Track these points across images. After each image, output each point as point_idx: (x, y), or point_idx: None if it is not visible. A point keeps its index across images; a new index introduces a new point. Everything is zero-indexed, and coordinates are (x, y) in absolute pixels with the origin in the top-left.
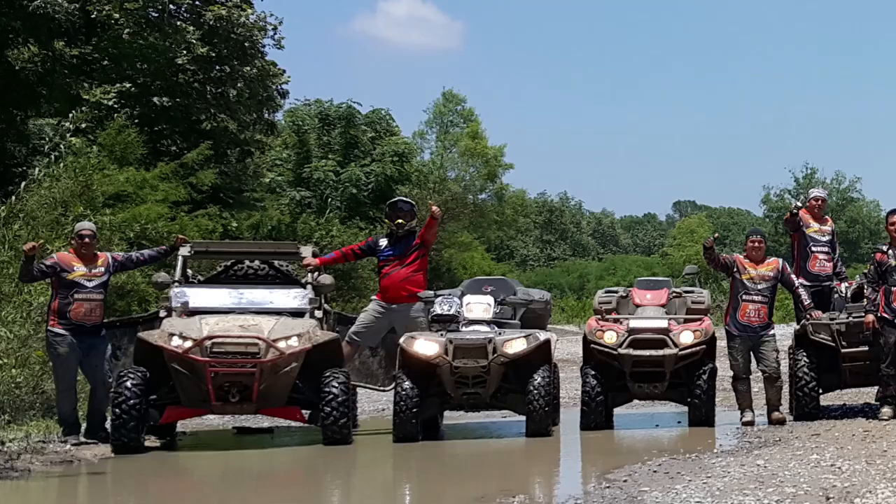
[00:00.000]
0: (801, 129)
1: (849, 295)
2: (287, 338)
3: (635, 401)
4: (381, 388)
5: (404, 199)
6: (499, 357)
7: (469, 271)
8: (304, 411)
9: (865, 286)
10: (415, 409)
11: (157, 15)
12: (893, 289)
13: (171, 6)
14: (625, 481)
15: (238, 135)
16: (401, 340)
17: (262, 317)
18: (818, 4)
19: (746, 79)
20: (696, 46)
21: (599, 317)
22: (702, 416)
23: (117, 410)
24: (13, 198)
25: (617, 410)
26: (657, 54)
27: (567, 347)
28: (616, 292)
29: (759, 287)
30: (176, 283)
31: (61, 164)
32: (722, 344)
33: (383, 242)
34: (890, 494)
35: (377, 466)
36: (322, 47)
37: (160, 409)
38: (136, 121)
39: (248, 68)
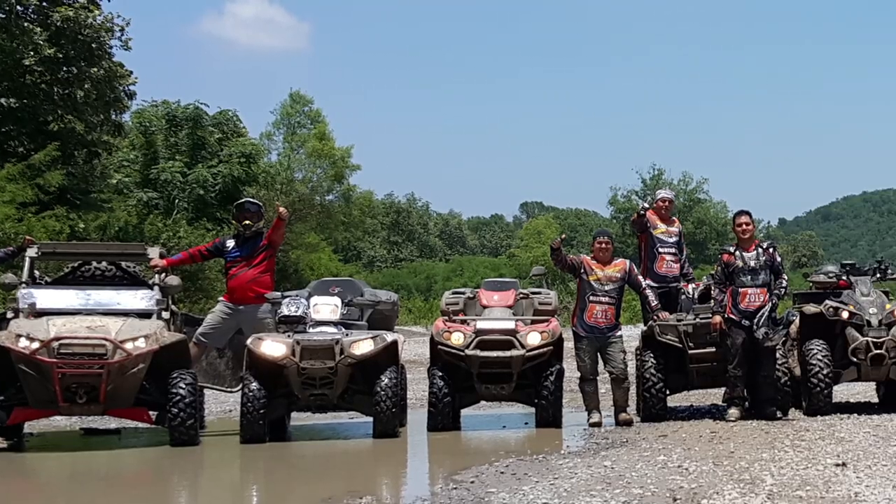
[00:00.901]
0: (648, 130)
1: (696, 296)
2: (134, 339)
3: (482, 402)
4: (229, 390)
5: (251, 200)
6: (346, 358)
7: (316, 272)
8: (151, 412)
9: (712, 287)
10: (262, 410)
11: (3, 16)
12: (740, 290)
13: (17, 7)
14: (472, 482)
15: (85, 136)
16: (248, 342)
17: (110, 318)
18: (664, 5)
19: (594, 80)
20: (543, 48)
21: (446, 318)
22: (549, 418)
23: None
24: None
25: (464, 411)
26: (505, 56)
27: (414, 348)
28: (463, 293)
29: (606, 288)
30: (23, 285)
31: None
32: (569, 345)
33: (230, 243)
34: (737, 496)
35: (224, 467)
36: (170, 48)
37: (7, 411)
38: None
39: (96, 69)
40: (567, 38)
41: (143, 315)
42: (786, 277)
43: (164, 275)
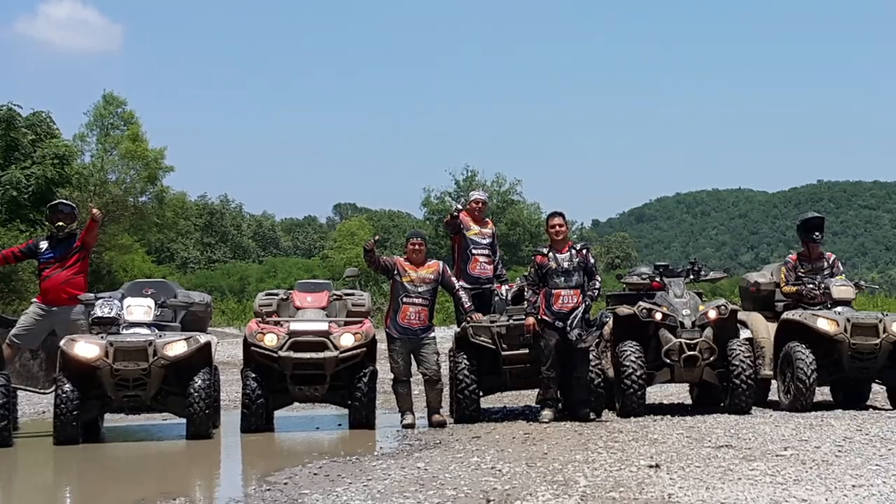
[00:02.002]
0: (462, 131)
1: (509, 297)
2: None
3: (296, 403)
4: (42, 391)
5: (65, 201)
6: (159, 359)
7: (130, 274)
8: None
9: (526, 289)
10: (75, 412)
11: None
12: (554, 291)
13: None
14: (285, 483)
15: None
16: (61, 343)
17: None
18: (475, 4)
19: (407, 81)
20: (355, 49)
21: (260, 319)
22: (362, 419)
23: None
24: None
25: (278, 413)
26: (316, 56)
27: (228, 350)
28: (276, 295)
29: (420, 289)
30: None
31: None
32: (383, 346)
33: (44, 245)
34: (550, 497)
35: (38, 469)
36: None
37: None
38: None
39: None
40: (379, 39)
41: None
42: (599, 279)
43: None
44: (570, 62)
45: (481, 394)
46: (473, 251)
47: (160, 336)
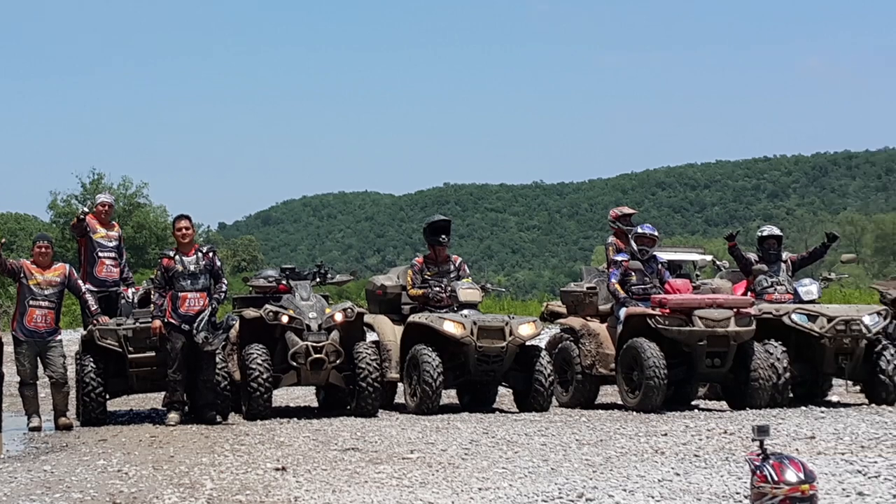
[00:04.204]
0: (89, 134)
1: (136, 300)
2: None
3: None
4: None
5: None
6: None
7: None
8: None
9: (153, 291)
10: None
11: None
12: (181, 294)
13: None
14: None
15: None
16: None
17: None
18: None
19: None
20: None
21: None
22: None
23: None
24: None
25: None
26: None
27: None
28: None
29: (46, 292)
30: None
31: None
32: (9, 349)
33: None
34: (177, 500)
35: None
36: None
37: None
38: None
39: None
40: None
41: None
42: (226, 281)
43: None
44: (190, 65)
45: (108, 396)
46: (100, 254)
47: None
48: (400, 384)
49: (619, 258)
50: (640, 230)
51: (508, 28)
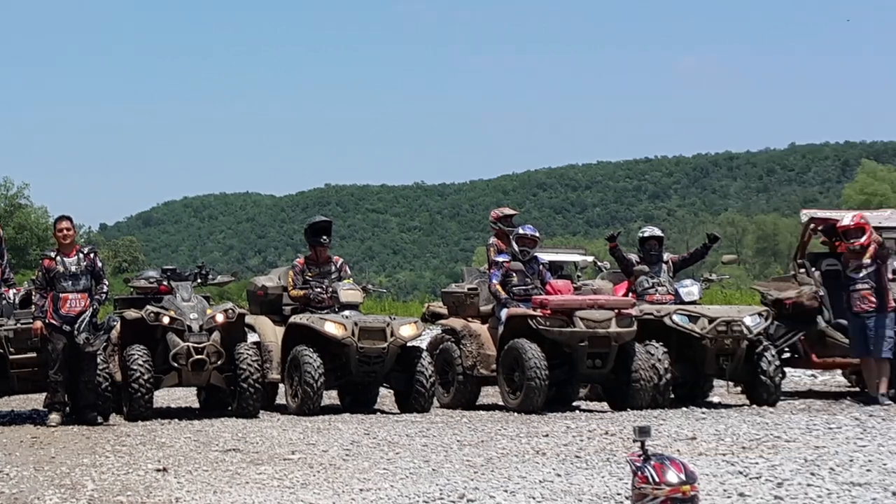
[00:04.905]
0: None
1: (17, 301)
2: None
3: None
4: None
5: None
6: None
7: None
8: None
9: (34, 292)
10: None
11: None
12: (62, 295)
13: None
14: None
15: None
16: None
17: None
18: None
19: None
20: None
21: None
22: None
23: None
24: None
25: None
26: None
27: None
28: None
29: None
30: None
31: None
32: None
33: None
34: (58, 501)
35: None
36: None
37: None
38: None
39: None
40: None
41: None
42: (107, 282)
43: None
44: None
45: None
46: None
47: None
48: (281, 385)
49: (500, 259)
50: (521, 231)
51: (379, 28)
